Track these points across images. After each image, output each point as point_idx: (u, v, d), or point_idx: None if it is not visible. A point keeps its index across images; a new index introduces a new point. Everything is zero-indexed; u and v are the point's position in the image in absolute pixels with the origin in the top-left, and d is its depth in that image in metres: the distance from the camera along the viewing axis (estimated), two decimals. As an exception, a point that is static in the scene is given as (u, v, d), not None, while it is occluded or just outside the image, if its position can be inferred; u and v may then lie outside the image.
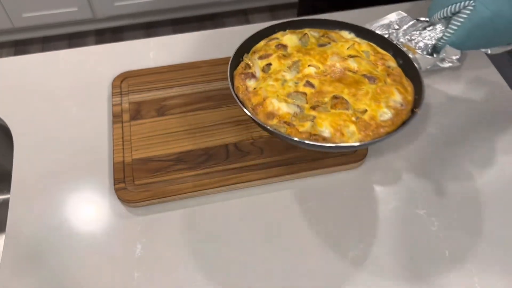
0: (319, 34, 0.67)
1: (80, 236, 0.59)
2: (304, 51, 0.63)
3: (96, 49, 0.81)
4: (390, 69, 0.62)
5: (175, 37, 0.83)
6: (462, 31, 0.58)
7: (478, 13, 0.55)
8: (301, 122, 0.55)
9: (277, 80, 0.60)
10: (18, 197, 0.62)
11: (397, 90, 0.58)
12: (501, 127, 0.70)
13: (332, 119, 0.54)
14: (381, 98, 0.56)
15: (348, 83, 0.58)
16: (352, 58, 0.62)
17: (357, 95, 0.57)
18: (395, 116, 0.55)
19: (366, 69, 0.61)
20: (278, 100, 0.57)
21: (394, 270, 0.56)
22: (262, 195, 0.63)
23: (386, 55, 0.64)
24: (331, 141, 0.53)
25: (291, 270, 0.56)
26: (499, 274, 0.56)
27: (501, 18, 0.55)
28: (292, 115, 0.56)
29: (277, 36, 0.66)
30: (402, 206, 0.62)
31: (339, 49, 0.64)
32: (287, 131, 0.54)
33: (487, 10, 0.55)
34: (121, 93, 0.72)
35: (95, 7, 1.98)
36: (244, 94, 0.59)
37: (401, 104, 0.56)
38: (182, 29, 2.15)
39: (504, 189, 0.64)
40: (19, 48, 2.09)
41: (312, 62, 0.61)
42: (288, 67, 0.61)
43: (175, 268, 0.56)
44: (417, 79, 0.59)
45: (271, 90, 0.58)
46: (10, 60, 0.80)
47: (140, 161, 0.64)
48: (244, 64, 0.63)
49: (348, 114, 0.55)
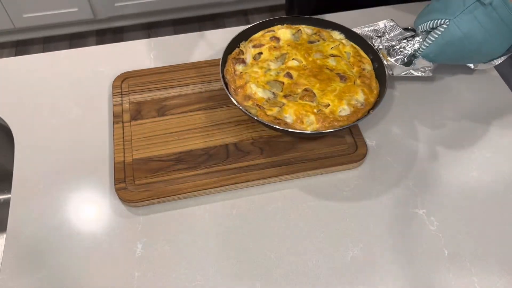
0: (312, 32, 0.73)
1: (81, 235, 0.59)
2: (293, 45, 0.70)
3: (97, 50, 0.81)
4: (364, 71, 0.68)
5: (175, 38, 0.83)
6: (435, 47, 0.65)
7: (450, 32, 0.63)
8: (271, 107, 0.62)
9: (261, 68, 0.67)
10: (18, 197, 0.62)
11: (362, 91, 0.64)
12: (501, 127, 0.71)
13: (296, 108, 0.61)
14: (345, 96, 0.63)
15: (322, 79, 0.65)
16: (333, 57, 0.69)
17: (325, 91, 0.64)
18: (352, 113, 0.62)
19: (342, 69, 0.67)
20: (256, 85, 0.64)
21: (394, 270, 0.57)
22: (262, 195, 0.63)
23: (365, 59, 0.70)
24: (291, 127, 0.60)
25: (290, 270, 0.56)
26: (498, 273, 0.56)
27: (471, 39, 0.62)
28: (266, 100, 0.63)
29: (274, 28, 0.73)
30: (402, 206, 0.62)
31: (324, 48, 0.70)
32: (256, 112, 0.61)
33: (459, 31, 0.62)
34: (121, 93, 0.73)
35: (95, 7, 1.98)
36: (231, 76, 0.67)
37: (361, 104, 0.63)
38: (182, 30, 2.15)
39: (503, 189, 0.64)
40: (20, 49, 2.10)
41: (297, 56, 0.68)
42: (276, 58, 0.68)
43: (175, 268, 0.57)
44: (384, 84, 0.65)
45: (254, 76, 0.65)
46: (11, 60, 0.80)
47: (140, 161, 0.65)
48: (238, 51, 0.70)
49: (312, 105, 0.62)
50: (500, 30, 0.61)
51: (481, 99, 0.74)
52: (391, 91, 0.75)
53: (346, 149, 0.66)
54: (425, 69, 0.70)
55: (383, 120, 0.71)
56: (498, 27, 0.61)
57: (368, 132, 0.70)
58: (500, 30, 0.61)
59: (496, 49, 0.64)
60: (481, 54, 0.66)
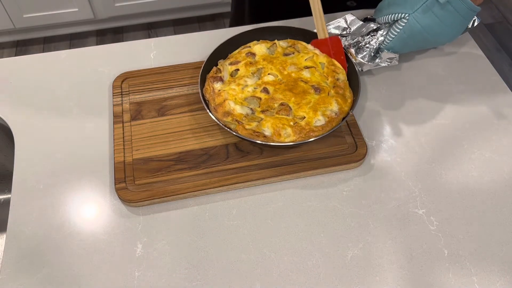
0: (287, 44, 0.75)
1: (81, 235, 0.59)
2: (269, 59, 0.72)
3: (97, 50, 0.81)
4: (338, 81, 0.70)
5: (175, 38, 0.83)
6: (398, 41, 0.71)
7: (410, 26, 0.68)
8: (250, 122, 0.64)
9: (239, 85, 0.68)
10: (19, 197, 0.62)
11: (336, 101, 0.66)
12: (501, 127, 0.71)
13: (274, 121, 0.64)
14: (320, 107, 0.66)
15: (297, 93, 0.67)
16: (308, 69, 0.71)
17: (300, 104, 0.66)
18: (327, 123, 0.64)
19: (316, 81, 0.69)
20: (235, 102, 0.66)
21: (394, 270, 0.57)
22: (262, 195, 0.63)
23: (338, 68, 0.72)
24: (270, 140, 0.62)
25: (290, 270, 0.56)
26: (498, 273, 0.56)
27: (430, 31, 0.69)
28: (244, 115, 0.65)
29: (250, 44, 0.74)
30: (401, 206, 0.62)
31: (298, 60, 0.72)
32: (236, 127, 0.63)
33: (418, 25, 0.68)
34: (121, 93, 0.73)
35: (96, 7, 1.98)
36: (210, 95, 0.68)
37: (335, 113, 0.66)
38: (182, 30, 2.15)
39: (503, 189, 0.64)
40: (20, 49, 2.10)
41: (272, 70, 0.70)
42: (252, 73, 0.70)
43: (175, 268, 0.57)
44: (357, 84, 0.68)
45: (231, 93, 0.67)
46: (11, 60, 0.80)
47: (140, 161, 0.65)
48: (216, 69, 0.71)
49: (289, 119, 0.65)
50: (456, 20, 0.68)
51: (481, 100, 0.74)
52: (379, 90, 0.75)
53: (346, 149, 0.66)
54: (392, 59, 0.75)
55: (383, 120, 0.71)
56: (454, 18, 0.67)
57: (368, 132, 0.70)
58: (455, 20, 0.67)
59: (453, 35, 0.72)
60: (439, 41, 0.74)
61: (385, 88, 0.75)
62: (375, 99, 0.74)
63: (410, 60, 0.80)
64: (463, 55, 0.81)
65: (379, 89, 0.75)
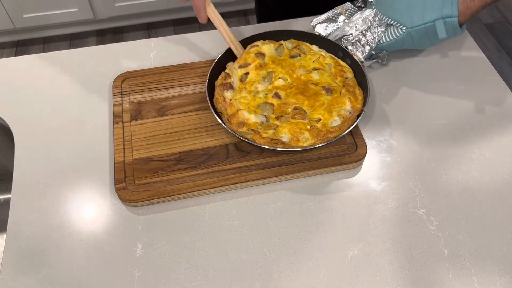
0: (292, 45, 0.74)
1: (81, 235, 0.59)
2: (277, 62, 0.71)
3: (97, 50, 0.81)
4: (347, 80, 0.70)
5: (175, 38, 0.83)
6: (390, 46, 0.75)
7: (403, 39, 0.72)
8: (266, 130, 0.64)
9: (250, 92, 0.68)
10: (19, 197, 0.62)
11: (348, 100, 0.66)
12: (501, 127, 0.71)
13: (290, 127, 0.63)
14: (334, 108, 0.66)
15: (309, 95, 0.67)
16: (316, 70, 0.71)
17: (314, 106, 0.66)
18: (343, 122, 0.64)
19: (326, 81, 0.69)
20: (248, 112, 0.65)
21: (394, 269, 0.57)
22: (262, 195, 0.63)
23: (345, 67, 0.72)
24: (289, 146, 0.62)
25: (290, 270, 0.56)
26: (498, 273, 0.56)
27: (421, 46, 0.75)
28: (259, 124, 0.64)
29: (258, 43, 0.73)
30: (401, 206, 0.62)
31: (306, 62, 0.72)
32: (252, 137, 0.62)
33: (411, 41, 0.73)
34: (121, 93, 0.73)
35: (96, 7, 1.98)
36: (221, 105, 0.67)
37: (350, 112, 0.66)
38: (182, 30, 2.15)
39: (503, 189, 0.64)
40: (20, 49, 2.10)
41: (282, 74, 0.70)
42: (263, 78, 0.69)
43: (175, 268, 0.57)
44: (364, 79, 0.69)
45: (243, 102, 0.66)
46: (11, 60, 0.80)
47: (140, 161, 0.65)
48: (225, 75, 0.70)
49: (305, 123, 0.64)
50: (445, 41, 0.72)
51: (481, 100, 0.74)
52: (379, 90, 0.75)
53: (346, 149, 0.66)
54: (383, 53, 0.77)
55: (383, 120, 0.71)
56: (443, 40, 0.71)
57: (368, 132, 0.70)
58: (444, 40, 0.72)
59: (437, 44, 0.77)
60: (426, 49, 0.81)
61: (385, 89, 0.75)
62: (375, 99, 0.74)
63: (410, 60, 0.80)
64: (463, 55, 0.81)
65: (379, 89, 0.75)
